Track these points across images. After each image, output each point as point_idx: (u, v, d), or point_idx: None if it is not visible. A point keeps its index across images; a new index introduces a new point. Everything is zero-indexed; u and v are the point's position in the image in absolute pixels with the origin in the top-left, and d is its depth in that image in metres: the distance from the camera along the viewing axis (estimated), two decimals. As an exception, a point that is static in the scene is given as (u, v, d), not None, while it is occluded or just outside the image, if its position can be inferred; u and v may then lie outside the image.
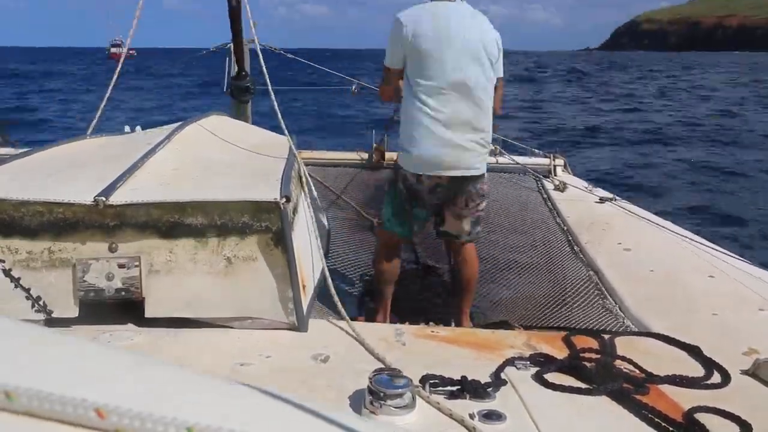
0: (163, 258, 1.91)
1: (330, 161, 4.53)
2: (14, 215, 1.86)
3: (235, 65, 4.43)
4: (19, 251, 1.87)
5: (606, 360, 1.76)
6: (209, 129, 2.93)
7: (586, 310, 2.65)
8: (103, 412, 0.36)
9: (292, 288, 1.91)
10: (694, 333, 2.00)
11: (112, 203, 1.86)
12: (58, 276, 1.88)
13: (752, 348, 1.89)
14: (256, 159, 2.57)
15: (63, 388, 0.36)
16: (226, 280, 1.92)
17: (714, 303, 2.31)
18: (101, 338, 1.77)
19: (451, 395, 1.48)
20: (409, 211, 2.72)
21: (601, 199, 3.88)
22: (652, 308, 2.37)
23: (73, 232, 1.88)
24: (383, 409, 1.34)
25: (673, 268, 2.74)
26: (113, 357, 0.43)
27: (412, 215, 2.74)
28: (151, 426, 0.36)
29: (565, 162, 4.61)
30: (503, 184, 4.31)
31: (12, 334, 0.42)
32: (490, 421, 1.38)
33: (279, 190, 1.96)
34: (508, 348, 1.84)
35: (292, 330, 1.89)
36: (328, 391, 1.52)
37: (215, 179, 2.22)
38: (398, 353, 1.77)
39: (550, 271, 3.16)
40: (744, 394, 1.63)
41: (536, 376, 1.62)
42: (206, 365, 1.64)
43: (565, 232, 3.52)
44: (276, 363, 1.69)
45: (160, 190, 2.01)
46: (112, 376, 0.40)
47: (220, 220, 1.91)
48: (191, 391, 0.41)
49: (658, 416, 1.45)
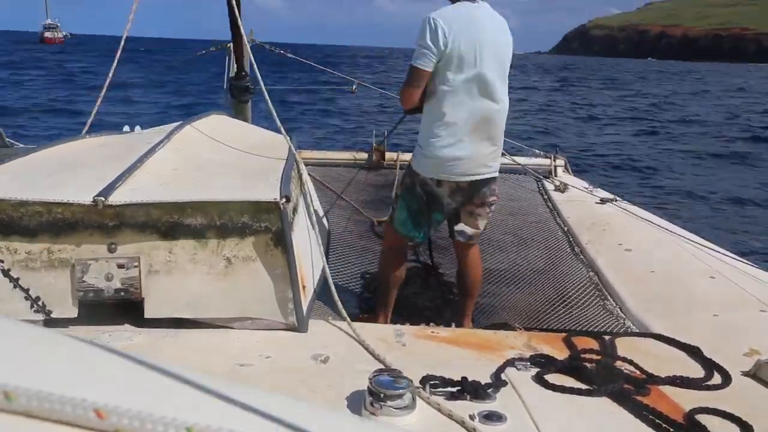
0: (163, 258, 1.91)
1: (330, 161, 4.53)
2: (13, 215, 1.86)
3: (235, 65, 4.44)
4: (18, 251, 1.86)
5: (606, 361, 1.76)
6: (209, 129, 2.93)
7: (586, 310, 2.65)
8: (102, 412, 0.36)
9: (292, 288, 1.91)
10: (695, 334, 2.00)
11: (111, 203, 1.86)
12: (57, 276, 1.87)
13: (753, 349, 1.89)
14: (256, 159, 2.56)
15: (63, 388, 0.36)
16: (226, 280, 1.92)
17: (715, 304, 2.31)
18: (100, 339, 1.77)
19: (451, 396, 1.48)
20: (428, 215, 2.69)
21: (602, 199, 3.88)
22: (653, 309, 2.37)
23: (72, 233, 1.88)
24: (383, 410, 1.34)
25: (673, 268, 2.74)
26: (113, 357, 0.43)
27: (430, 219, 2.72)
28: (150, 426, 0.36)
29: (565, 162, 4.61)
30: (504, 184, 4.30)
31: (11, 334, 0.42)
32: (491, 422, 1.38)
33: (279, 190, 1.95)
34: (508, 349, 1.84)
35: (292, 330, 1.89)
36: (328, 391, 1.51)
37: (215, 179, 2.21)
38: (398, 354, 1.77)
39: (551, 272, 3.15)
40: (745, 394, 1.63)
41: (537, 377, 1.62)
42: (206, 365, 1.64)
43: (566, 232, 3.52)
44: (276, 363, 1.68)
45: (160, 190, 2.00)
46: (111, 376, 0.40)
47: (219, 221, 1.91)
48: (191, 391, 0.41)
49: (658, 417, 1.45)
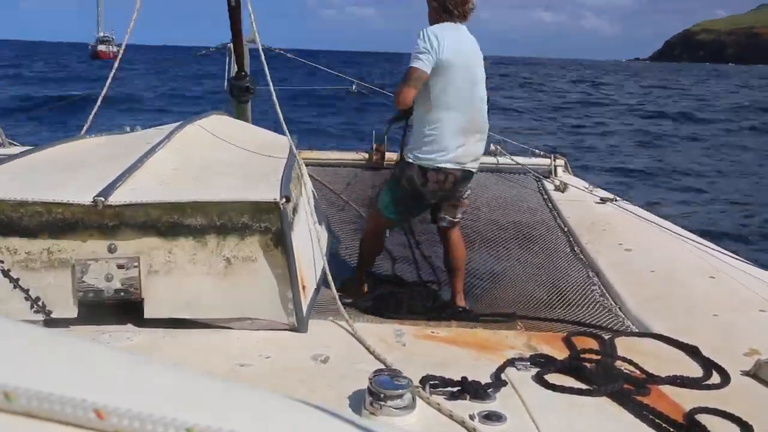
0: (163, 258, 1.91)
1: (330, 161, 4.52)
2: (13, 215, 1.86)
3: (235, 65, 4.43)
4: (18, 252, 1.86)
5: (606, 361, 1.76)
6: (209, 129, 2.93)
7: (586, 310, 2.64)
8: (102, 412, 0.36)
9: (292, 288, 1.90)
10: (695, 334, 2.00)
11: (111, 203, 1.85)
12: (57, 276, 1.87)
13: (753, 349, 1.89)
14: (256, 159, 2.56)
15: (63, 388, 0.36)
16: (226, 280, 1.92)
17: (715, 304, 2.31)
18: (100, 339, 1.77)
19: (451, 396, 1.48)
20: (410, 205, 3.11)
21: (602, 199, 3.87)
22: (653, 309, 2.37)
23: (72, 233, 1.88)
24: (383, 409, 1.34)
25: (674, 268, 2.74)
26: (113, 357, 0.43)
27: (410, 208, 3.15)
28: (150, 427, 0.36)
29: (565, 162, 4.60)
30: (503, 184, 4.30)
31: (11, 335, 0.42)
32: (491, 422, 1.38)
33: (279, 191, 1.95)
34: (508, 349, 1.84)
35: (292, 330, 1.89)
36: (327, 391, 1.51)
37: (215, 179, 2.21)
38: (398, 354, 1.77)
39: (551, 272, 3.15)
40: (745, 394, 1.63)
41: (537, 376, 1.62)
42: (206, 366, 1.64)
43: (566, 232, 3.51)
44: (276, 363, 1.68)
45: (160, 190, 2.00)
46: (111, 377, 0.40)
47: (219, 221, 1.91)
48: (191, 391, 0.41)
49: (658, 417, 1.45)
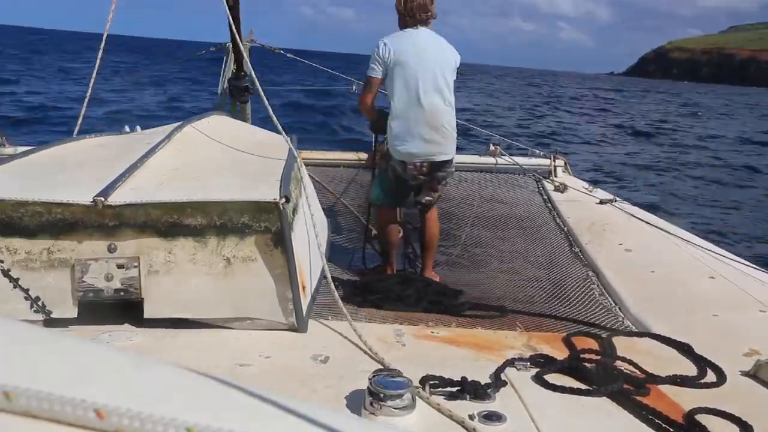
0: (162, 258, 1.91)
1: (330, 161, 4.52)
2: (13, 215, 1.86)
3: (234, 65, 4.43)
4: (18, 251, 1.86)
5: (606, 361, 1.76)
6: (209, 129, 2.93)
7: (586, 310, 2.64)
8: (102, 412, 0.36)
9: (292, 289, 1.90)
10: (695, 334, 2.00)
11: (111, 203, 1.85)
12: (57, 276, 1.87)
13: (753, 349, 1.89)
14: (256, 159, 2.56)
15: (63, 388, 0.36)
16: (226, 280, 1.92)
17: (715, 304, 2.31)
18: (100, 339, 1.77)
19: (451, 396, 1.48)
20: (397, 189, 3.53)
21: (602, 200, 3.88)
22: (653, 309, 2.37)
23: (72, 233, 1.88)
24: (383, 410, 1.34)
25: (673, 269, 2.74)
26: (113, 357, 0.43)
27: (399, 191, 3.55)
28: (151, 426, 0.36)
29: (565, 163, 4.60)
30: (503, 184, 4.30)
31: (11, 334, 0.42)
32: (490, 422, 1.38)
33: (279, 191, 1.95)
34: (508, 349, 1.84)
35: (292, 330, 1.89)
36: (327, 391, 1.51)
37: (215, 179, 2.21)
38: (398, 354, 1.77)
39: (551, 272, 3.15)
40: (745, 394, 1.63)
41: (536, 377, 1.62)
42: (206, 365, 1.64)
43: (566, 233, 3.52)
44: (275, 363, 1.68)
45: (160, 190, 2.00)
46: (111, 377, 0.40)
47: (219, 221, 1.91)
48: (191, 391, 0.41)
49: (658, 417, 1.45)
